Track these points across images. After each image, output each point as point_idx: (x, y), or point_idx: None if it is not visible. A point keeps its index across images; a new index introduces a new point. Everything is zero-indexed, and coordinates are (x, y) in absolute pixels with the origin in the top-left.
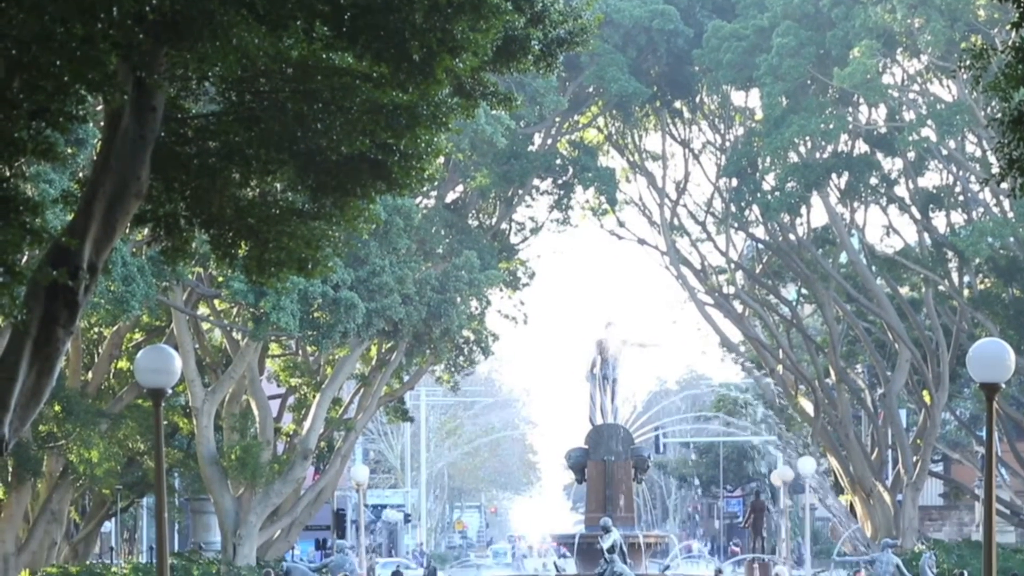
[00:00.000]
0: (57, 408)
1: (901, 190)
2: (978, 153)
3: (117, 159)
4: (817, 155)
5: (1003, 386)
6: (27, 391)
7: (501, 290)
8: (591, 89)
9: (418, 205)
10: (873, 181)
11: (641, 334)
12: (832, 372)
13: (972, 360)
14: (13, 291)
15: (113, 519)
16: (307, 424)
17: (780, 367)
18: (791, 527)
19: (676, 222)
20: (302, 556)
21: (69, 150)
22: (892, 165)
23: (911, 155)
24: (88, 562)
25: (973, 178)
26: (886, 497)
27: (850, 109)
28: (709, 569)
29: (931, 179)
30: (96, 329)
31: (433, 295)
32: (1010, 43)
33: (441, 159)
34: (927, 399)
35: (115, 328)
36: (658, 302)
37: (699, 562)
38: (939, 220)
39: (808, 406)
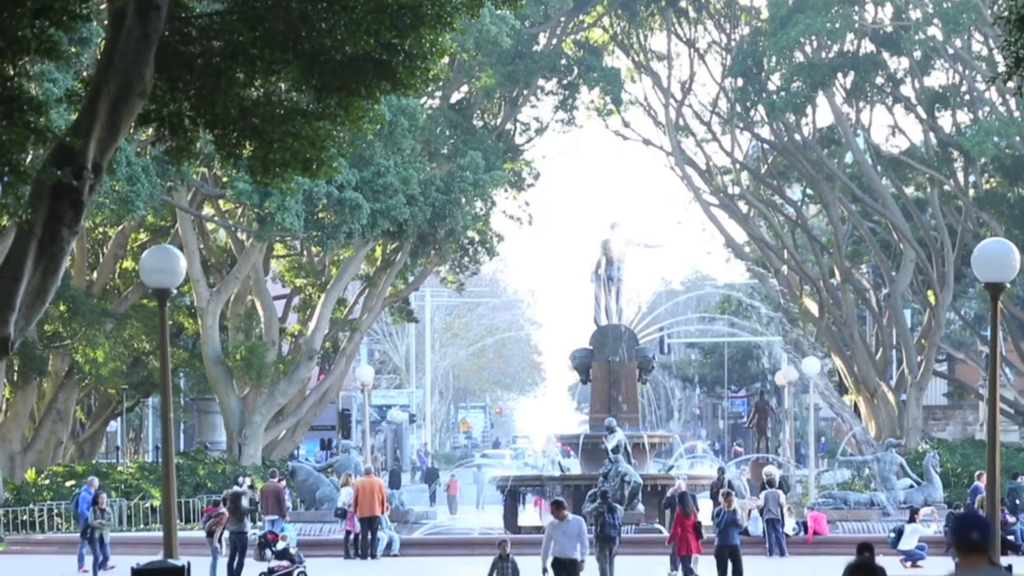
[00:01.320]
0: (62, 308)
1: (907, 89)
2: (984, 52)
3: (121, 58)
4: (823, 54)
5: (1008, 286)
6: (32, 291)
7: (506, 191)
8: None
9: (423, 105)
10: (879, 81)
11: (646, 235)
12: (837, 272)
13: (977, 260)
14: (18, 191)
15: (119, 419)
16: (312, 325)
17: (785, 267)
18: (795, 427)
19: (681, 122)
20: (307, 456)
21: (73, 49)
22: (898, 64)
23: (917, 54)
24: (94, 461)
25: (979, 77)
26: (890, 397)
27: (856, 8)
28: (712, 469)
29: (937, 78)
30: (101, 229)
31: (438, 195)
32: None
33: (446, 59)
34: (932, 299)
35: (120, 228)
36: (663, 203)
37: (703, 462)
38: (945, 119)
39: (813, 306)
